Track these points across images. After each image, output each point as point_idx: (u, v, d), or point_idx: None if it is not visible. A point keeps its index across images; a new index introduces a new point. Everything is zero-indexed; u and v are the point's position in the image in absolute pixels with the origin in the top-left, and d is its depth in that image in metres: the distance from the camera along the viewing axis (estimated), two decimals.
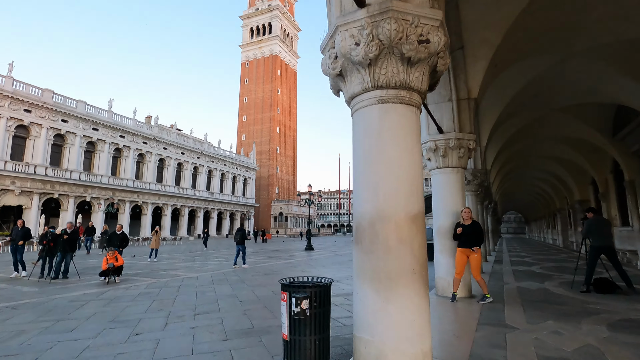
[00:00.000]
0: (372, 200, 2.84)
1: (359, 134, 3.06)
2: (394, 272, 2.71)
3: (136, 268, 11.72)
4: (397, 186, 2.82)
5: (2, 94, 30.98)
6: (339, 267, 11.69)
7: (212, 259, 15.86)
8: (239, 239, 11.68)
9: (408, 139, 2.92)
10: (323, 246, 28.36)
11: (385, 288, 2.70)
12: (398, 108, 2.93)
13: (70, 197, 36.05)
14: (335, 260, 14.73)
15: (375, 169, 2.87)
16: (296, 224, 74.64)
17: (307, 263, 13.37)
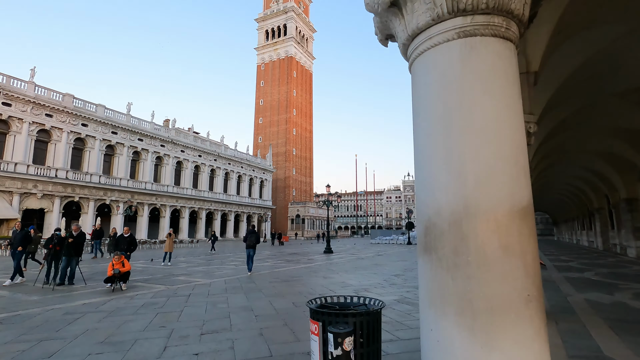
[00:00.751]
0: (456, 187, 1.82)
1: (427, 88, 2.04)
2: (499, 300, 1.67)
3: (148, 273, 11.00)
4: (496, 164, 1.79)
5: (25, 99, 31.46)
6: (363, 273, 10.64)
7: (228, 262, 15.06)
8: (253, 242, 10.76)
9: (507, 91, 1.89)
10: (342, 249, 27.26)
11: (483, 325, 1.66)
12: (490, 43, 1.90)
13: (90, 200, 36.31)
14: (357, 265, 13.63)
15: (460, 140, 1.84)
16: (313, 226, 73.73)
17: (327, 268, 12.35)
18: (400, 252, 22.85)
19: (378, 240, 43.76)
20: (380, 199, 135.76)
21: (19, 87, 31.44)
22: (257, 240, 10.89)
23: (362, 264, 14.18)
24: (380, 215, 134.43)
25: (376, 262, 15.11)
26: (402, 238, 42.72)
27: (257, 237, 10.89)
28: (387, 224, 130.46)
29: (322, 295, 2.52)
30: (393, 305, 6.19)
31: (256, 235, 10.80)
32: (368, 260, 16.08)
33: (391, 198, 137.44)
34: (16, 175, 30.39)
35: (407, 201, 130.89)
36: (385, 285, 8.20)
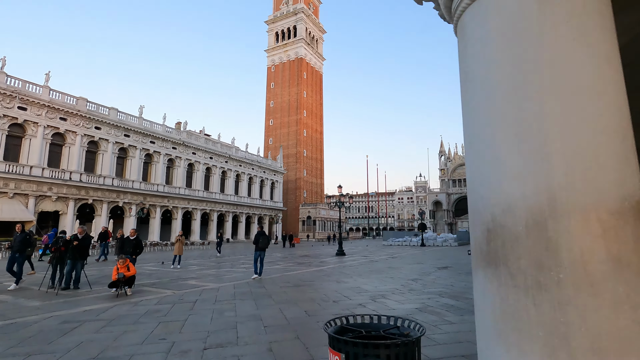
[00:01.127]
0: (536, 174, 1.28)
1: (486, 43, 1.51)
2: (612, 338, 1.14)
3: (156, 276, 10.67)
4: (597, 139, 1.25)
5: (40, 103, 31.91)
6: (378, 277, 10.07)
7: (239, 265, 14.68)
8: (263, 244, 10.29)
9: (604, 38, 1.35)
10: (354, 251, 26.67)
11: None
12: None
13: (103, 203, 36.62)
14: (371, 268, 13.05)
15: (541, 107, 1.30)
16: (324, 228, 73.24)
17: (340, 271, 11.81)
18: (415, 255, 22.13)
19: (391, 242, 42.96)
20: (391, 200, 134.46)
21: (34, 91, 31.93)
22: (268, 242, 10.33)
23: (376, 267, 13.59)
24: (392, 217, 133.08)
25: (391, 265, 14.50)
26: (415, 240, 41.82)
27: (268, 239, 10.34)
28: (399, 225, 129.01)
29: (342, 315, 2.02)
30: (415, 315, 5.63)
31: (267, 238, 10.33)
32: (382, 263, 15.48)
33: (403, 199, 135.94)
34: (32, 179, 30.80)
35: (419, 202, 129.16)
36: (403, 291, 7.62)
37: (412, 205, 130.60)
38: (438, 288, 8.05)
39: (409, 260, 16.63)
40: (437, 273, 10.96)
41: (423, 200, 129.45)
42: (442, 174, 78.29)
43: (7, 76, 30.26)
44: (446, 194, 75.68)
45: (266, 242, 10.27)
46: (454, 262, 15.71)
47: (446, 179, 77.34)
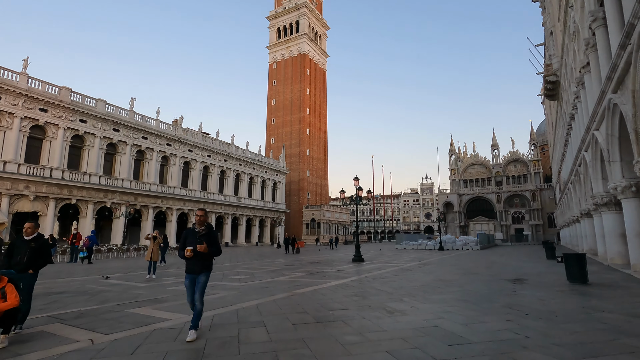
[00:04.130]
0: None
1: None
2: None
3: (98, 298, 7.09)
4: None
5: (16, 91, 28.65)
6: (441, 300, 6.44)
7: (232, 276, 11.17)
8: (201, 263, 4.58)
9: None
10: (370, 255, 23.10)
11: None
12: None
13: (89, 203, 33.21)
14: (413, 281, 9.47)
15: None
16: (329, 231, 69.59)
17: (373, 287, 8.27)
18: (445, 260, 18.54)
19: (404, 246, 39.31)
20: (397, 202, 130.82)
21: (10, 78, 28.66)
22: (215, 251, 4.72)
23: (417, 279, 10.02)
24: (398, 220, 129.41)
25: (434, 275, 10.95)
26: (431, 243, 38.15)
27: (214, 244, 4.71)
28: (405, 228, 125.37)
29: None
30: None
31: (212, 241, 4.67)
32: (419, 272, 11.90)
33: (408, 201, 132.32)
34: (5, 175, 27.45)
35: (425, 204, 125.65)
36: (536, 337, 3.98)
37: (418, 208, 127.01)
38: (586, 331, 4.39)
39: (449, 270, 13.04)
40: (525, 291, 7.34)
41: (429, 202, 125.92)
42: (452, 173, 74.62)
43: None
44: (457, 195, 71.98)
45: (200, 258, 4.55)
46: (516, 271, 12.09)
47: (457, 179, 73.68)
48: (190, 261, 4.46)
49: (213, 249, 4.61)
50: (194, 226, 4.76)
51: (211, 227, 4.76)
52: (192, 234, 4.63)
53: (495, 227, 68.81)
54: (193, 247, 4.40)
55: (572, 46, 17.20)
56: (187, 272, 4.55)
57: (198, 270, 4.49)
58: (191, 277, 4.51)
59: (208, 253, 4.51)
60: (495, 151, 73.90)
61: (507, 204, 69.99)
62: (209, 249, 4.50)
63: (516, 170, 71.31)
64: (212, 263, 4.70)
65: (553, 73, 24.77)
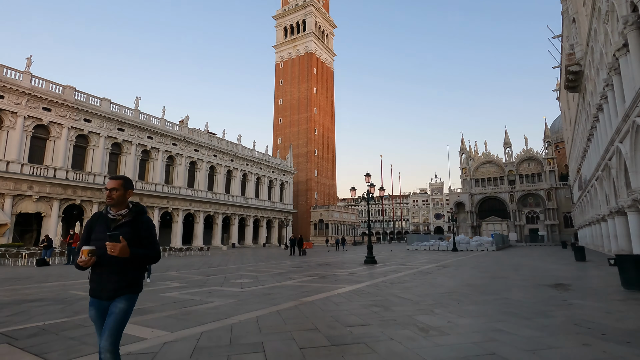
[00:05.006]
0: None
1: None
2: None
3: (77, 306, 6.14)
4: None
5: (19, 90, 28.19)
6: (478, 310, 5.29)
7: (233, 280, 10.16)
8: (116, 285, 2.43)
9: None
10: (382, 257, 21.91)
11: None
12: None
13: (93, 204, 32.66)
14: (436, 286, 8.31)
15: None
16: (337, 231, 68.38)
17: (393, 294, 7.14)
18: (463, 261, 17.27)
19: (416, 247, 37.93)
20: (406, 202, 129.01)
21: (13, 77, 28.21)
22: (146, 256, 2.46)
23: (440, 284, 8.86)
24: (407, 220, 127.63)
25: (459, 278, 9.78)
26: (444, 244, 36.73)
27: (145, 244, 2.48)
28: (414, 228, 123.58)
29: None
30: None
31: (140, 236, 2.47)
32: (440, 276, 10.72)
33: (418, 202, 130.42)
34: (8, 175, 26.96)
35: (435, 205, 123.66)
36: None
37: (427, 208, 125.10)
38: None
39: (473, 273, 11.81)
40: (578, 301, 6.12)
41: (439, 202, 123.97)
42: (463, 173, 72.84)
43: None
44: (469, 195, 70.18)
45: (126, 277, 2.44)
46: (549, 275, 10.83)
47: (468, 178, 71.88)
48: (96, 273, 2.36)
49: (140, 251, 2.36)
50: (107, 210, 2.50)
51: (141, 211, 2.56)
52: (101, 221, 2.44)
53: (509, 227, 66.78)
54: (98, 246, 2.29)
55: (602, 29, 15.83)
56: (91, 294, 2.40)
57: (110, 290, 2.32)
58: (98, 305, 2.36)
59: (130, 258, 2.30)
60: (507, 149, 71.89)
61: (521, 203, 67.94)
62: (131, 250, 2.29)
63: (530, 169, 69.21)
64: (143, 277, 2.57)
65: (576, 62, 23.29)
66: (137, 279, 2.45)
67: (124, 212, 2.47)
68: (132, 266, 2.38)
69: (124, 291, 2.35)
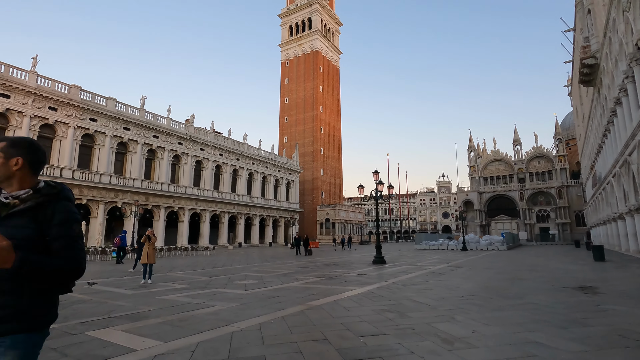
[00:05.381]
0: None
1: None
2: None
3: (68, 311, 5.76)
4: None
5: (25, 90, 28.18)
6: (503, 319, 4.76)
7: (237, 282, 9.74)
8: None
9: None
10: (391, 257, 21.34)
11: None
12: None
13: (100, 203, 32.60)
14: (452, 289, 7.77)
15: None
16: (344, 230, 67.82)
17: (407, 297, 6.64)
18: (475, 261, 16.66)
19: (424, 246, 37.27)
20: (413, 201, 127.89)
21: (19, 76, 28.21)
22: (56, 265, 1.38)
23: (457, 285, 8.33)
24: (414, 219, 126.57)
25: (475, 280, 9.24)
26: (452, 243, 36.02)
27: (57, 247, 1.43)
28: (422, 227, 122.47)
29: None
30: None
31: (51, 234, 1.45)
32: (454, 277, 10.18)
33: (425, 201, 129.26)
34: None
35: (442, 204, 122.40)
36: None
37: (434, 207, 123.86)
38: None
39: (489, 274, 11.24)
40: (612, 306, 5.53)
41: (446, 201, 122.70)
42: (471, 171, 71.78)
43: None
44: (477, 193, 69.12)
45: (17, 301, 1.39)
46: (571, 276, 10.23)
47: (477, 176, 70.80)
48: None
49: (42, 260, 1.35)
50: None
51: (57, 194, 1.51)
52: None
53: (519, 226, 65.58)
54: None
55: (622, 18, 15.08)
56: None
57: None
58: None
59: (17, 271, 1.28)
60: (517, 147, 70.64)
61: (531, 201, 66.71)
62: (20, 257, 1.27)
63: (540, 167, 67.90)
64: (55, 302, 1.52)
65: (591, 55, 22.46)
66: (38, 307, 1.42)
67: (22, 195, 1.45)
68: (27, 285, 1.37)
69: (8, 327, 1.35)
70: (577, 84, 46.17)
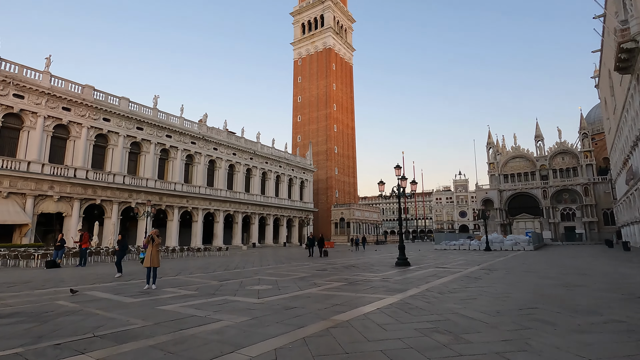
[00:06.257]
0: None
1: None
2: None
3: (49, 326, 4.89)
4: None
5: (39, 90, 28.10)
6: (608, 340, 3.68)
7: (249, 287, 8.76)
8: None
9: None
10: (411, 257, 20.04)
11: None
12: None
13: (113, 203, 32.39)
14: (502, 295, 6.56)
15: None
16: (359, 230, 66.46)
17: (457, 311, 5.41)
18: (507, 263, 15.25)
19: (444, 246, 35.72)
20: (429, 200, 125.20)
21: (33, 77, 28.15)
22: None
23: (503, 292, 7.13)
24: (430, 218, 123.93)
25: (521, 286, 8.02)
26: (475, 243, 34.35)
27: None
28: (438, 227, 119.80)
29: None
30: None
31: None
32: (496, 281, 8.94)
33: (441, 199, 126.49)
34: (29, 176, 26.88)
35: (459, 202, 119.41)
36: None
37: (451, 206, 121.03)
38: None
39: (532, 279, 9.93)
40: None
41: (463, 200, 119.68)
42: (491, 168, 69.32)
43: (1, 60, 26.59)
44: (497, 191, 66.68)
45: None
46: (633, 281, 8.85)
47: (496, 173, 68.33)
48: None
49: None
50: None
51: None
52: None
53: (542, 225, 62.83)
54: None
55: None
56: None
57: None
58: None
59: None
60: (539, 142, 67.84)
61: (555, 199, 63.88)
62: None
63: (564, 163, 64.95)
64: None
65: (631, 39, 20.61)
66: None
67: None
68: None
69: None
70: (605, 75, 43.50)
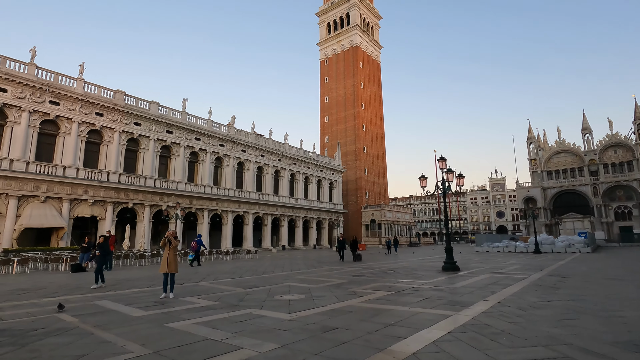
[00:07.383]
0: None
1: None
2: None
3: (28, 350, 3.87)
4: None
5: (73, 97, 28.76)
6: None
7: (279, 296, 7.51)
8: None
9: None
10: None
11: None
12: None
13: (145, 206, 32.63)
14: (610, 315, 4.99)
15: None
16: (391, 232, 64.09)
17: (560, 339, 3.95)
18: (572, 268, 13.07)
19: (487, 248, 33.08)
20: (463, 200, 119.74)
21: (67, 84, 28.88)
22: None
23: (611, 310, 5.47)
24: (465, 219, 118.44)
25: (624, 297, 6.22)
26: (522, 245, 31.51)
27: None
28: (473, 228, 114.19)
29: None
30: None
31: None
32: (584, 292, 7.25)
33: (476, 199, 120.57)
34: (65, 180, 27.45)
35: (496, 202, 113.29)
36: None
37: (487, 206, 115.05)
38: None
39: (625, 288, 8.04)
40: None
41: (500, 199, 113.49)
42: (532, 164, 64.69)
43: (38, 68, 27.43)
44: (541, 189, 62.00)
45: None
46: None
47: (539, 170, 63.61)
48: None
49: None
50: None
51: None
52: None
53: (593, 225, 57.50)
54: None
55: None
56: None
57: None
58: None
59: None
60: (586, 135, 62.38)
61: (607, 197, 58.36)
62: None
63: (617, 157, 59.26)
64: None
65: None
66: None
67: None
68: None
69: None
70: None
